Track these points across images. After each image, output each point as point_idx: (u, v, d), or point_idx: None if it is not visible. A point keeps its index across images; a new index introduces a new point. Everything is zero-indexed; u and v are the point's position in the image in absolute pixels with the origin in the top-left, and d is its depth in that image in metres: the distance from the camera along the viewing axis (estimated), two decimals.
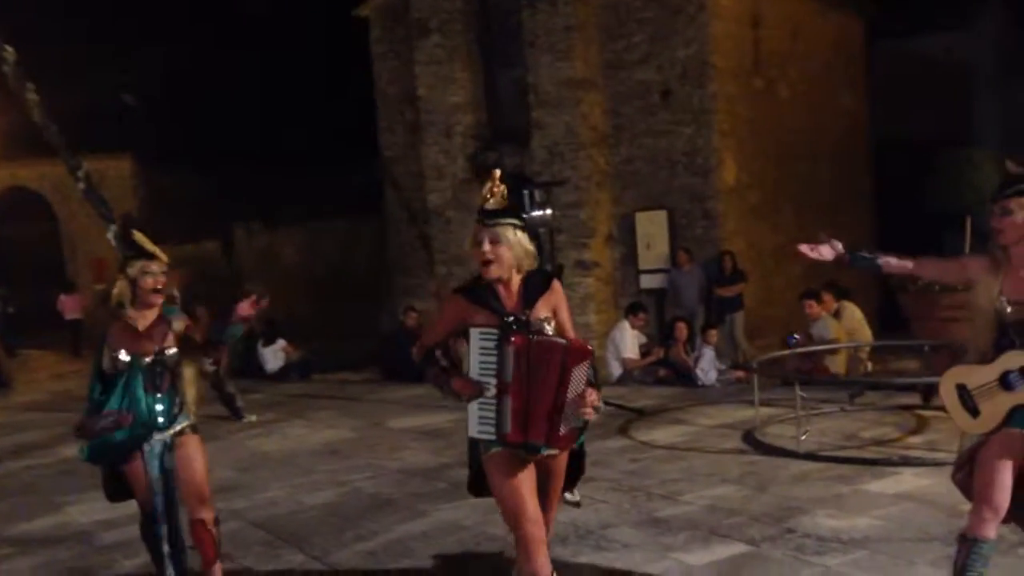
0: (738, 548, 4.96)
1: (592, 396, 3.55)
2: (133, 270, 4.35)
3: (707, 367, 10.91)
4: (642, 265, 14.01)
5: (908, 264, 3.81)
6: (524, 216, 3.81)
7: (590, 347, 3.63)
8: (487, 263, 3.59)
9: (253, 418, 10.28)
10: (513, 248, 3.62)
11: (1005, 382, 3.48)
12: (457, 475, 7.12)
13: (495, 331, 3.48)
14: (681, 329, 11.60)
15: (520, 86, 14.49)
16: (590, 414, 3.57)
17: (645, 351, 11.86)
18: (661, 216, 13.74)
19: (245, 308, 4.42)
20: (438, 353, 3.72)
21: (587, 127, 13.87)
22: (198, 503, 4.50)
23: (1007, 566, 4.28)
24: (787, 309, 12.33)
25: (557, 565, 3.73)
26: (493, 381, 3.47)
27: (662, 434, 8.09)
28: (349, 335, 15.99)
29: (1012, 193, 3.52)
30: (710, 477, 6.52)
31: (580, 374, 3.52)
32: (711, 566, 4.74)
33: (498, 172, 3.69)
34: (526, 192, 10.64)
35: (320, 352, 14.76)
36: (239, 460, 8.22)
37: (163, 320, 4.41)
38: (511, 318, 3.56)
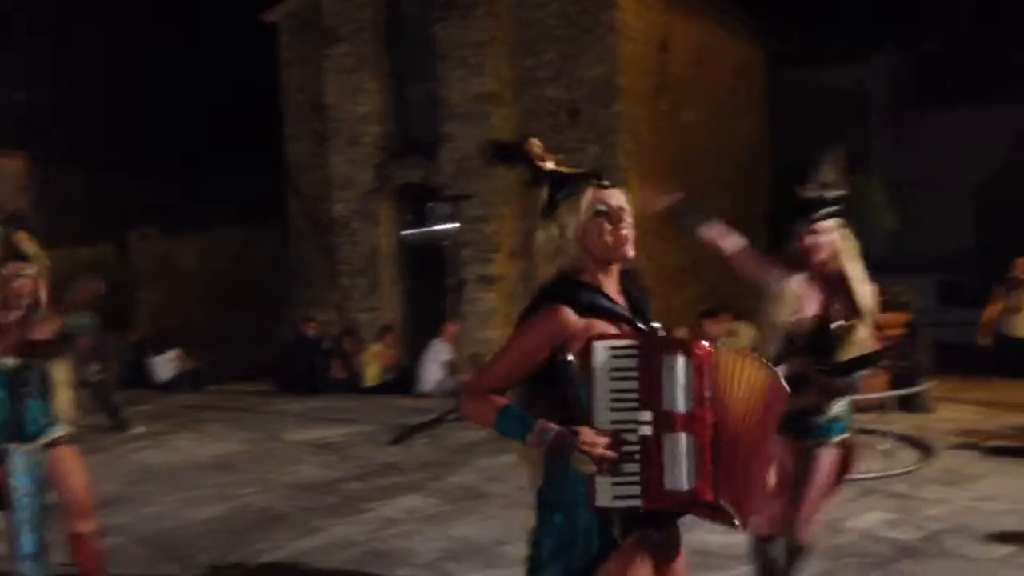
0: None
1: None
2: (6, 271, 4.17)
3: None
4: None
5: (726, 243, 3.97)
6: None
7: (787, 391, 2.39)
8: (624, 242, 2.48)
9: (141, 429, 9.94)
10: None
11: None
12: (351, 489, 7.02)
13: (634, 342, 2.33)
14: None
15: (430, 99, 14.43)
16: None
17: None
18: None
19: (84, 292, 4.19)
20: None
21: None
22: (78, 516, 4.33)
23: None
24: (686, 328, 12.52)
25: None
26: (643, 416, 2.28)
27: None
28: (246, 345, 15.64)
29: (822, 216, 3.79)
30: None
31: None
32: None
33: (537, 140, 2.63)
34: (431, 205, 10.61)
35: (216, 362, 14.40)
36: (124, 473, 7.92)
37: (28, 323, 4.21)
38: (649, 328, 2.50)
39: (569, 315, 2.37)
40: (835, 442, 3.78)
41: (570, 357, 2.34)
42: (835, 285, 3.83)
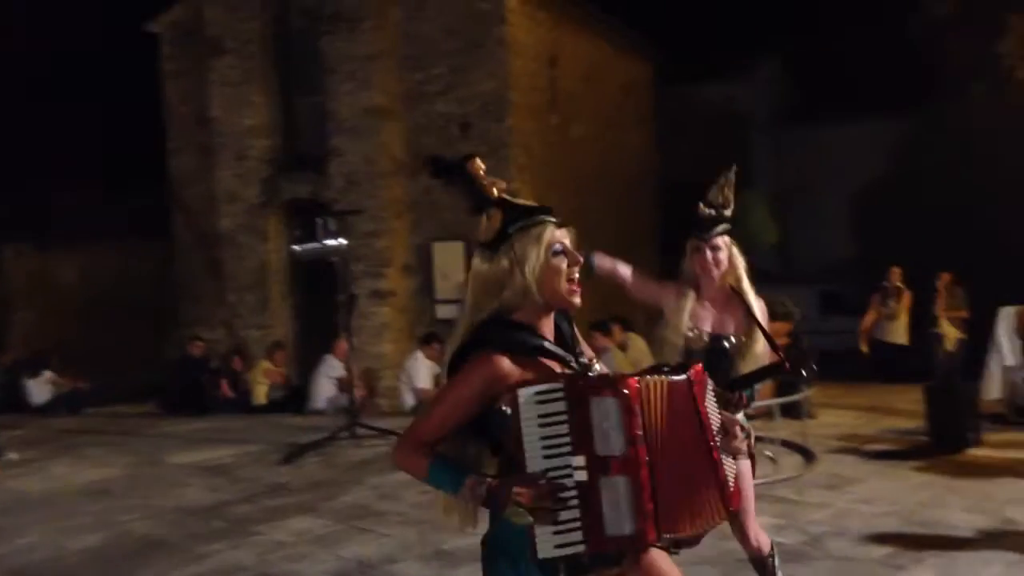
0: None
1: (735, 425, 2.48)
2: None
3: None
4: (438, 295, 14.00)
5: (620, 271, 4.05)
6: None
7: (700, 367, 2.47)
8: (578, 289, 2.41)
9: (14, 456, 9.46)
10: None
11: None
12: (238, 512, 6.82)
13: (559, 385, 2.23)
14: None
15: (318, 113, 14.23)
16: (743, 445, 2.50)
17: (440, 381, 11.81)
18: (458, 247, 13.79)
19: None
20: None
21: (386, 156, 13.78)
22: None
23: None
24: None
25: None
26: (576, 461, 2.20)
27: None
28: (129, 365, 15.09)
29: (719, 233, 3.86)
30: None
31: (711, 405, 2.44)
32: None
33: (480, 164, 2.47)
34: (320, 221, 10.45)
35: (96, 384, 13.84)
36: None
37: None
38: (581, 361, 2.43)
39: (503, 363, 2.28)
40: None
41: (503, 407, 2.24)
42: (729, 301, 3.88)
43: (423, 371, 11.57)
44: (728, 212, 3.93)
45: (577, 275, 2.38)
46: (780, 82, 29.76)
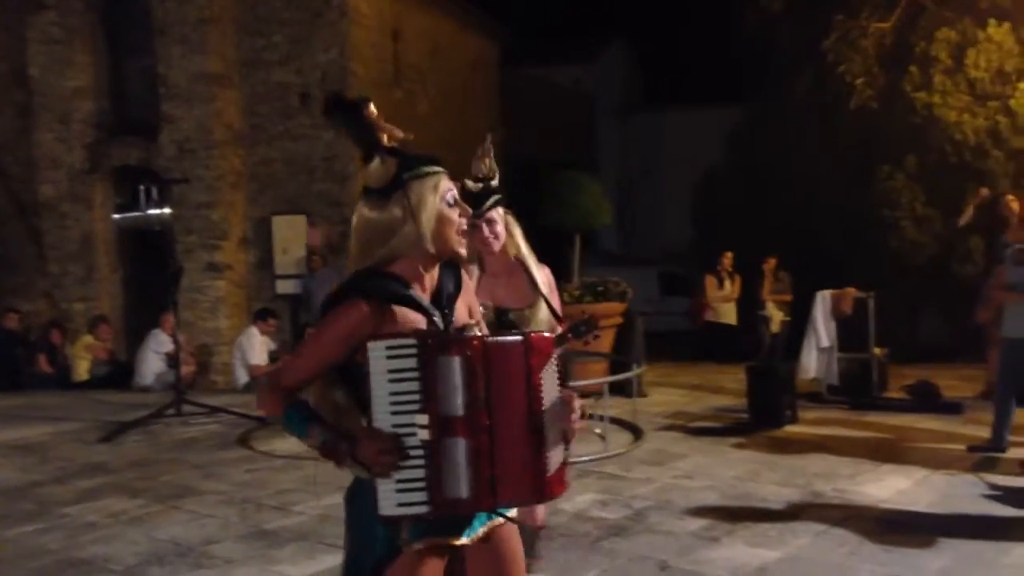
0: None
1: (574, 401, 2.33)
2: None
3: None
4: (278, 270, 13.64)
5: None
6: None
7: (549, 335, 2.36)
8: (465, 239, 2.40)
9: None
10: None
11: None
12: (48, 493, 6.47)
13: (412, 341, 2.15)
14: None
15: (149, 76, 13.57)
16: (577, 426, 2.35)
17: (276, 357, 11.55)
18: (299, 220, 13.47)
19: None
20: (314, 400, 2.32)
21: (222, 125, 13.27)
22: None
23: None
24: None
25: None
26: (420, 419, 2.14)
27: (283, 443, 7.83)
28: None
29: (491, 206, 3.84)
30: (327, 486, 6.34)
31: (550, 377, 2.30)
32: None
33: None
34: (142, 188, 9.94)
35: None
36: None
37: None
38: (442, 316, 2.35)
39: (365, 310, 2.21)
40: None
41: (360, 359, 2.19)
42: (513, 272, 3.88)
43: (257, 347, 11.28)
44: (495, 183, 3.88)
45: (465, 227, 2.37)
46: (625, 67, 30.44)
